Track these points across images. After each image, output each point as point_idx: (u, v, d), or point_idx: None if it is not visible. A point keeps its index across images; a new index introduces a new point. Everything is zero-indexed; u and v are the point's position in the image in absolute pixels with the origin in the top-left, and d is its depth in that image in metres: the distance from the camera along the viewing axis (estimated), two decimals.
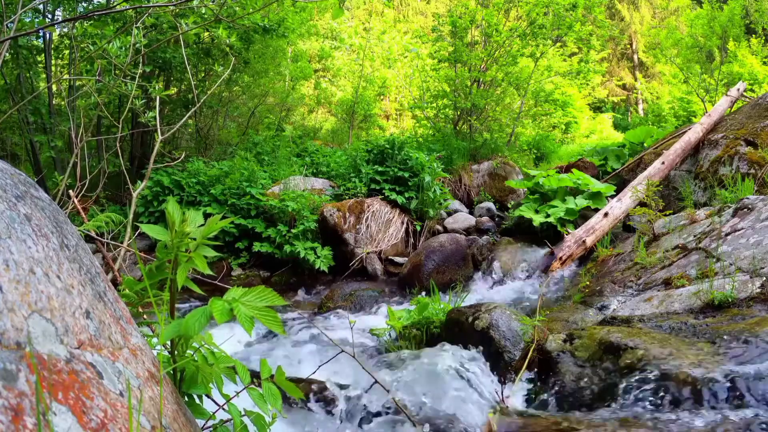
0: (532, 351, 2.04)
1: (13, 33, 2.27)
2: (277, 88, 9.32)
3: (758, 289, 2.27)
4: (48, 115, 6.05)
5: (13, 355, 0.56)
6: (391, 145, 5.74)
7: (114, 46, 2.75)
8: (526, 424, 1.63)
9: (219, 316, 0.95)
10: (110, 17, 5.38)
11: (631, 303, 2.86)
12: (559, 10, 7.96)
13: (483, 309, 2.49)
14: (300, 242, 4.84)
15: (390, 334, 3.00)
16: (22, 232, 0.71)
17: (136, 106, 2.92)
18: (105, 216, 2.03)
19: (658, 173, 5.00)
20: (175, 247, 1.03)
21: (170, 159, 5.34)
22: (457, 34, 8.17)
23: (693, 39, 10.11)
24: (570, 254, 4.21)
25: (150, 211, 5.38)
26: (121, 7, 3.43)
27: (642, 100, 20.17)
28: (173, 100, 6.97)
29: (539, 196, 5.55)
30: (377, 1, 20.45)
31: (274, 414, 1.09)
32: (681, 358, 1.61)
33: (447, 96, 8.47)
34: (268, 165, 6.67)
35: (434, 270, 4.49)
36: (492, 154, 7.71)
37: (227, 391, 1.07)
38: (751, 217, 3.14)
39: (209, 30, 6.27)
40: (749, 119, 5.20)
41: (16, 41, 5.53)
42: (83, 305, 0.75)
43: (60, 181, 2.98)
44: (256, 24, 6.20)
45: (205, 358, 1.07)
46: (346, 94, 11.95)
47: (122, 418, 0.67)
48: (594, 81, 16.40)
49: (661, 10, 21.49)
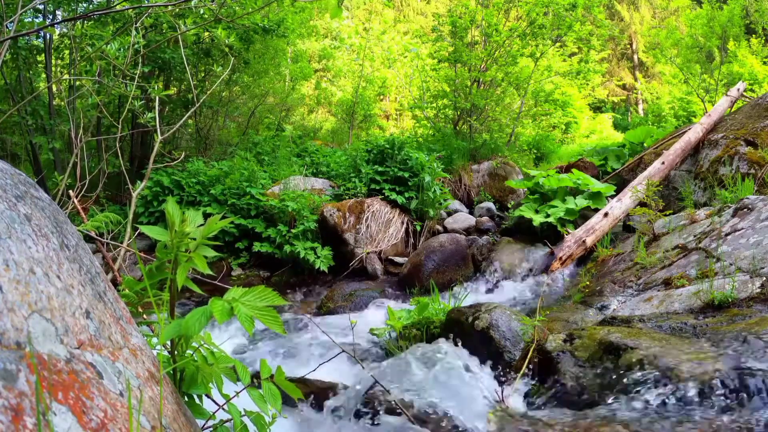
0: (532, 351, 2.04)
1: (13, 33, 2.27)
2: (277, 88, 9.32)
3: (758, 289, 2.27)
4: (48, 115, 6.04)
5: (13, 355, 0.56)
6: (391, 145, 5.74)
7: (112, 47, 2.75)
8: (525, 424, 1.63)
9: (219, 315, 0.95)
10: (110, 17, 5.38)
11: (631, 303, 2.86)
12: (559, 10, 7.96)
13: (483, 309, 2.49)
14: (300, 242, 4.84)
15: (390, 334, 3.00)
16: (22, 232, 0.71)
17: (135, 107, 2.92)
18: (103, 216, 2.03)
19: (658, 173, 5.00)
20: (174, 247, 1.03)
21: (170, 159, 5.34)
22: (457, 34, 8.17)
23: (693, 39, 10.11)
24: (570, 254, 4.21)
25: (150, 211, 5.38)
26: (121, 7, 3.43)
27: (642, 100, 20.17)
28: (173, 100, 6.97)
29: (539, 196, 5.54)
30: (377, 1, 20.45)
31: (274, 414, 1.09)
32: (681, 358, 1.61)
33: (447, 96, 8.46)
34: (268, 165, 6.67)
35: (434, 270, 4.49)
36: (492, 154, 7.71)
37: (227, 391, 1.07)
38: (751, 217, 3.14)
39: (209, 30, 6.27)
40: (749, 119, 5.20)
41: (15, 42, 5.53)
42: (83, 305, 0.75)
43: (60, 181, 2.98)
44: (255, 24, 6.20)
45: (204, 358, 1.07)
46: (346, 94, 11.95)
47: (122, 418, 0.67)
48: (594, 81, 16.39)
49: (661, 10, 21.49)
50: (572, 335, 2.04)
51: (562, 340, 2.03)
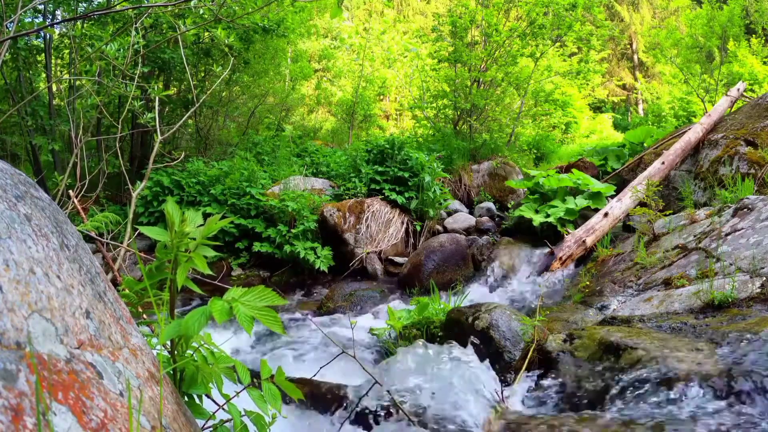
0: (532, 351, 2.04)
1: (13, 33, 2.27)
2: (277, 88, 9.32)
3: (758, 289, 2.27)
4: (48, 116, 6.04)
5: (13, 355, 0.56)
6: (391, 145, 5.75)
7: (112, 48, 2.75)
8: (526, 424, 1.63)
9: (219, 315, 0.95)
10: (110, 17, 5.38)
11: (631, 303, 2.86)
12: (559, 10, 7.96)
13: (483, 309, 2.49)
14: (300, 242, 4.84)
15: (390, 334, 3.00)
16: (22, 232, 0.71)
17: (135, 107, 2.92)
18: (102, 216, 2.03)
19: (658, 173, 5.00)
20: (174, 247, 1.03)
21: (170, 159, 5.34)
22: (457, 34, 8.17)
23: (693, 39, 10.11)
24: (570, 254, 4.21)
25: (150, 211, 5.38)
26: (121, 7, 3.43)
27: (642, 100, 20.17)
28: (173, 100, 6.97)
29: (539, 196, 5.54)
30: (377, 1, 20.45)
31: (274, 414, 1.09)
32: (681, 358, 1.61)
33: (447, 96, 8.46)
34: (268, 165, 6.68)
35: (434, 270, 4.49)
36: (492, 154, 7.71)
37: (227, 391, 1.07)
38: (751, 217, 3.14)
39: (209, 30, 6.27)
40: (749, 119, 5.20)
41: (15, 42, 5.53)
42: (83, 305, 0.75)
43: (60, 181, 2.98)
44: (255, 24, 6.20)
45: (204, 358, 1.07)
46: (346, 94, 11.95)
47: (122, 418, 0.67)
48: (594, 81, 16.38)
49: (661, 11, 21.49)
50: (572, 335, 2.04)
51: (562, 340, 2.03)
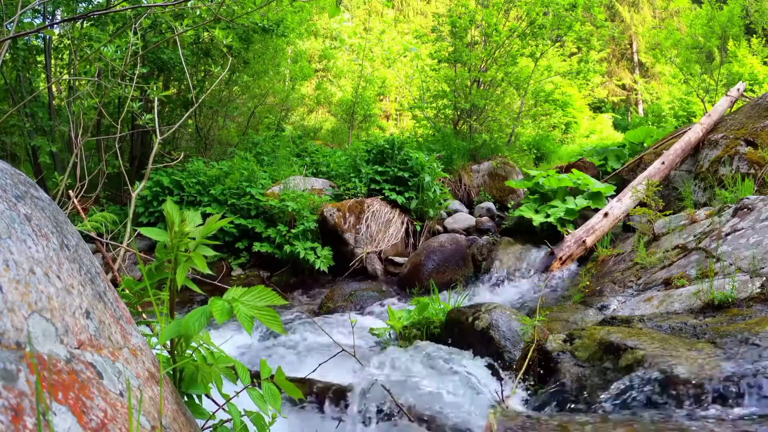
0: (532, 351, 2.04)
1: (13, 33, 2.27)
2: (277, 88, 9.32)
3: (758, 289, 2.27)
4: (48, 116, 6.04)
5: (13, 355, 0.56)
6: (390, 145, 5.74)
7: (109, 49, 2.75)
8: (526, 424, 1.63)
9: (219, 315, 0.95)
10: (109, 18, 5.38)
11: (631, 303, 2.86)
12: (559, 10, 7.96)
13: (483, 309, 2.49)
14: (300, 242, 4.83)
15: (390, 334, 3.00)
16: (22, 232, 0.71)
17: (133, 109, 2.92)
18: (101, 215, 2.03)
19: (658, 173, 5.00)
20: (174, 247, 1.03)
21: (170, 159, 5.33)
22: (457, 34, 8.17)
23: (693, 39, 10.11)
24: (570, 254, 4.21)
25: (150, 211, 5.38)
26: (120, 8, 3.43)
27: (642, 100, 20.18)
28: (172, 101, 6.97)
29: (539, 196, 5.54)
30: (377, 1, 20.45)
31: (273, 414, 1.09)
32: (681, 358, 1.60)
33: (447, 96, 8.46)
34: (268, 165, 6.67)
35: (434, 270, 4.49)
36: (492, 154, 7.71)
37: (227, 391, 1.07)
38: (751, 217, 3.14)
39: (208, 30, 6.27)
40: (749, 119, 5.20)
41: (14, 42, 5.53)
42: (83, 305, 0.75)
43: (60, 181, 2.98)
44: (254, 24, 6.19)
45: (204, 358, 1.07)
46: (346, 94, 11.95)
47: (122, 418, 0.67)
48: (594, 81, 16.40)
49: (661, 11, 21.50)
50: (572, 335, 2.04)
51: (562, 340, 2.03)
